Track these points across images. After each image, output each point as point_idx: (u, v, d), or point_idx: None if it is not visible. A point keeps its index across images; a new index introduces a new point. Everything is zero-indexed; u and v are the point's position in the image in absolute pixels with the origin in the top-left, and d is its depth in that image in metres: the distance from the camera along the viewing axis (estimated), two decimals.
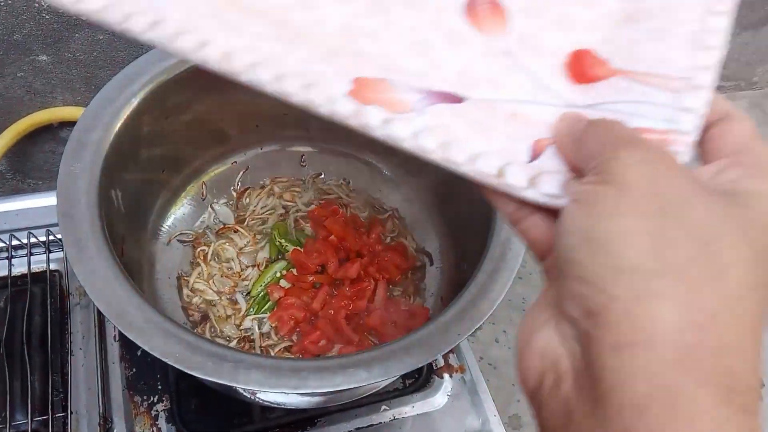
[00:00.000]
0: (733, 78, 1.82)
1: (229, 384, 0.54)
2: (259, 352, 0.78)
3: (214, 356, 0.55)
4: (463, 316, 0.62)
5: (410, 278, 0.87)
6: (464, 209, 0.82)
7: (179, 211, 0.86)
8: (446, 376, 0.85)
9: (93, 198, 0.62)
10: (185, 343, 0.56)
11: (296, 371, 0.55)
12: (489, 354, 1.22)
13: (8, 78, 0.96)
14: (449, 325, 0.61)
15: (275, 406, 0.77)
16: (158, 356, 0.54)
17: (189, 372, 0.54)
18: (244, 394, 0.69)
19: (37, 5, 0.88)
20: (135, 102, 0.70)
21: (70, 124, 1.07)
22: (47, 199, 0.86)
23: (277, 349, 0.78)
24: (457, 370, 0.86)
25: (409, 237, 0.90)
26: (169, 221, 0.84)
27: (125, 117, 0.69)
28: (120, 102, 0.69)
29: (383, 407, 0.81)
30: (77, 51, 0.96)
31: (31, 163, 1.13)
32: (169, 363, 0.54)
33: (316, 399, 0.73)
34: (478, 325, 0.62)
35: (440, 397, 0.84)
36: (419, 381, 0.84)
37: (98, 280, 0.58)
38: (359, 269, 0.82)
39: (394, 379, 0.81)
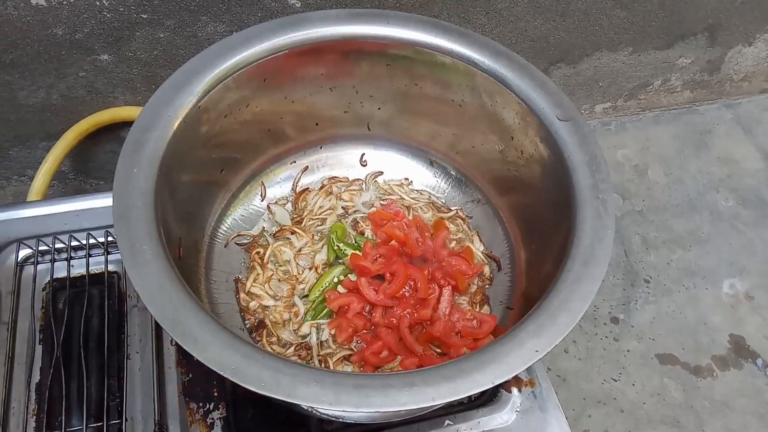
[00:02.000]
0: None
1: (286, 400, 0.50)
2: (317, 361, 0.74)
3: (271, 369, 0.51)
4: (541, 330, 0.56)
5: (477, 285, 0.81)
6: (538, 209, 0.76)
7: (237, 213, 0.83)
8: (515, 390, 0.80)
9: (149, 200, 0.60)
10: (242, 353, 0.52)
11: (359, 388, 0.51)
12: (557, 365, 1.15)
13: (70, 78, 0.96)
14: (525, 339, 0.56)
15: (333, 419, 0.73)
16: (213, 368, 0.51)
17: (245, 386, 0.51)
18: (302, 405, 0.66)
19: (98, 4, 0.87)
20: (193, 101, 0.67)
21: (131, 124, 1.07)
22: (107, 200, 0.85)
23: (335, 358, 0.75)
24: (526, 384, 0.81)
25: (475, 239, 0.84)
26: (227, 223, 0.82)
27: (183, 116, 0.66)
28: (178, 101, 0.66)
29: (447, 422, 0.76)
30: (138, 50, 0.95)
31: (93, 163, 1.14)
32: (225, 376, 0.51)
33: (378, 414, 0.69)
34: (558, 341, 0.56)
35: (508, 413, 0.78)
36: (486, 395, 0.79)
37: (153, 286, 0.55)
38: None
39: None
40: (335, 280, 0.79)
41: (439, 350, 0.75)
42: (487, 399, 0.79)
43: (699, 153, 1.58)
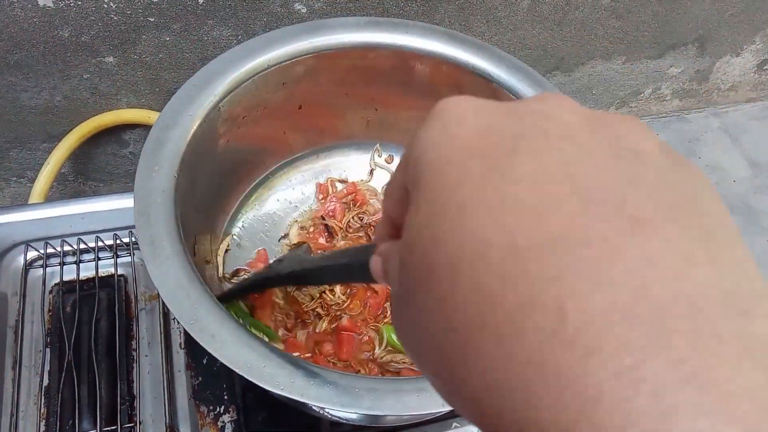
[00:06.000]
0: None
1: (298, 399, 0.51)
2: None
3: (286, 368, 0.52)
4: None
5: None
6: None
7: (250, 214, 0.83)
8: None
9: (169, 197, 0.60)
10: (257, 352, 0.53)
11: (371, 391, 0.52)
12: None
13: (74, 79, 0.96)
14: None
15: (344, 421, 0.73)
16: (229, 365, 0.51)
17: (260, 384, 0.51)
18: (314, 408, 0.66)
19: (105, 6, 0.87)
20: (213, 101, 0.68)
21: (133, 126, 1.06)
22: (114, 203, 0.84)
23: None
24: None
25: None
26: (239, 224, 0.82)
27: (203, 116, 0.67)
28: (199, 101, 0.67)
29: (454, 424, 0.77)
30: (143, 53, 0.95)
31: (93, 165, 1.13)
32: (240, 373, 0.51)
33: (392, 417, 0.70)
34: None
35: None
36: None
37: (171, 282, 0.55)
38: None
39: None
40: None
41: None
42: None
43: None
